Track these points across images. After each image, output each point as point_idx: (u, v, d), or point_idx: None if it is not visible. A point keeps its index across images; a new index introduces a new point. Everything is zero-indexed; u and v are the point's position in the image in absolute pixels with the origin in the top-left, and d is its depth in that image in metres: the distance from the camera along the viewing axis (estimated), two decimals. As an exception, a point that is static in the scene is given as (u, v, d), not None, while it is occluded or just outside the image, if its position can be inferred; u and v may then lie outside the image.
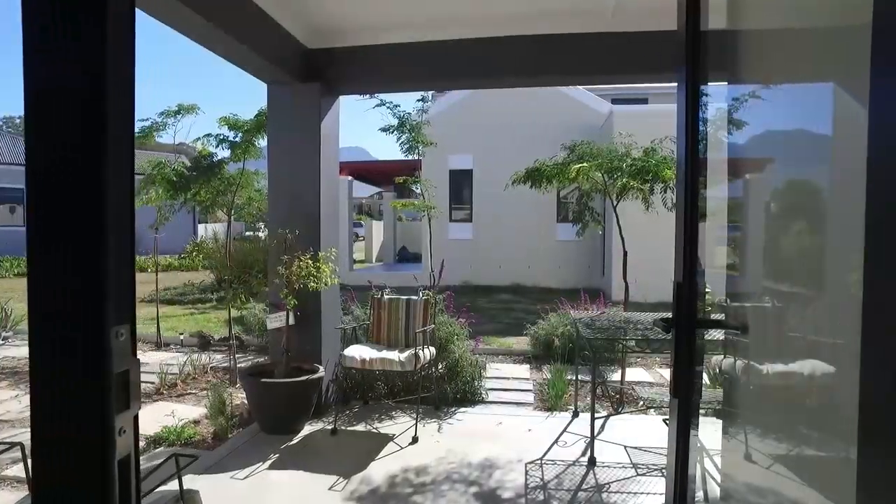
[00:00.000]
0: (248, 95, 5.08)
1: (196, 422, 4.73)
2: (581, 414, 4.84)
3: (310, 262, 4.39)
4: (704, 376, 4.71)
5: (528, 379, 6.18)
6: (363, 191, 25.44)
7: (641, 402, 5.27)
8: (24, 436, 3.59)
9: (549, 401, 5.14)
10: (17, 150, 26.75)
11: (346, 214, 15.90)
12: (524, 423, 4.69)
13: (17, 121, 63.91)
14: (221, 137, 6.25)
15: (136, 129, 6.48)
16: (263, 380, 4.31)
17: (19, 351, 7.37)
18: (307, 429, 4.52)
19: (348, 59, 4.82)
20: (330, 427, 4.51)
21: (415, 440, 4.29)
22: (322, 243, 4.79)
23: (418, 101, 7.26)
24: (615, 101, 14.82)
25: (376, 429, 4.59)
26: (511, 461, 3.92)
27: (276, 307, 4.65)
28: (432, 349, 4.79)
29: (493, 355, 7.14)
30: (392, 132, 7.23)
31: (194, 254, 6.68)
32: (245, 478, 3.63)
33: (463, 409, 5.05)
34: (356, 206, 31.84)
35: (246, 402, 4.78)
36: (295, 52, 4.67)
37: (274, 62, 4.36)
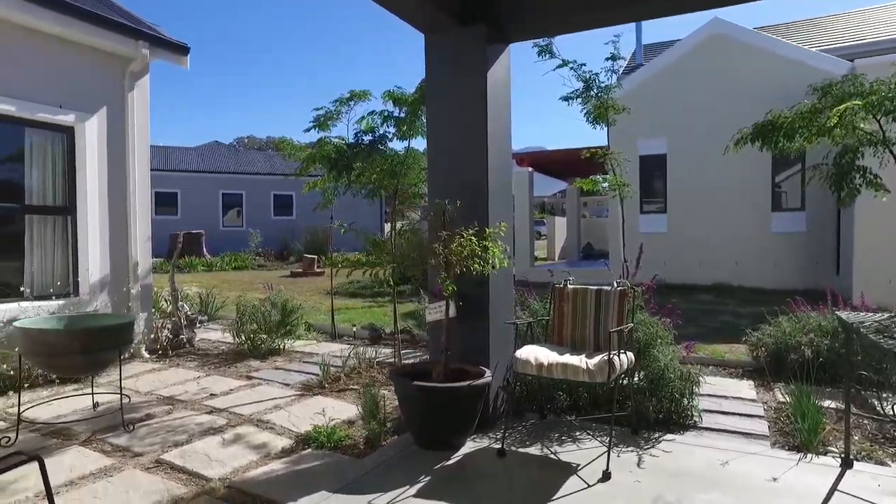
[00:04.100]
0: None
1: (350, 422, 4.20)
2: (857, 463, 3.33)
3: (473, 238, 3.56)
4: None
5: (754, 400, 4.71)
6: (545, 188, 24.53)
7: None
8: (196, 418, 3.27)
9: (798, 436, 3.68)
10: (239, 162, 30.70)
11: (526, 208, 15.13)
12: (762, 467, 3.35)
13: (246, 140, 74.76)
14: (386, 114, 5.77)
15: (310, 120, 6.32)
16: (417, 382, 3.58)
17: (214, 335, 7.73)
18: (469, 445, 3.70)
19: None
20: (497, 446, 3.62)
21: (606, 476, 3.21)
22: (491, 220, 3.96)
23: (607, 59, 6.13)
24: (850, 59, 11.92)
25: (555, 454, 3.60)
26: (756, 529, 2.68)
27: (434, 296, 3.93)
28: (630, 355, 3.67)
29: (701, 365, 5.73)
30: (576, 99, 6.21)
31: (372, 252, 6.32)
32: (385, 506, 2.91)
33: (669, 437, 3.84)
34: (538, 205, 31.00)
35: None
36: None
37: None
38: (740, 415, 4.32)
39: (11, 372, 4.82)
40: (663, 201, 13.65)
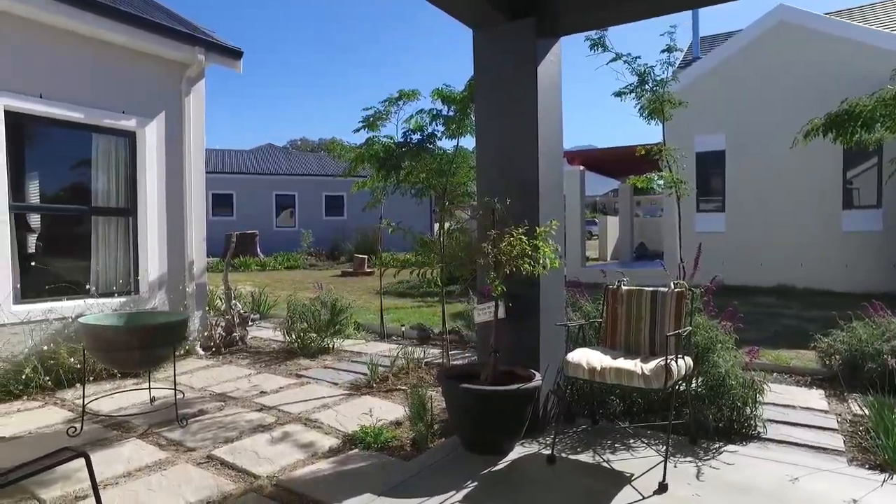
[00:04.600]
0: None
1: (398, 423, 4.17)
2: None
3: (523, 238, 3.46)
4: None
5: (826, 411, 4.41)
6: (597, 187, 24.04)
7: None
8: (246, 415, 3.27)
9: (880, 453, 3.40)
10: (292, 164, 31.52)
11: (578, 207, 14.85)
12: (839, 487, 3.10)
13: (299, 142, 76.55)
14: (435, 112, 5.72)
15: (359, 120, 6.34)
16: (464, 385, 3.50)
17: (266, 333, 7.87)
18: (518, 450, 3.59)
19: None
20: (546, 452, 3.51)
21: (662, 488, 3.05)
22: (541, 219, 3.84)
23: (663, 51, 5.89)
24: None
25: (607, 462, 3.45)
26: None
27: (483, 296, 3.84)
28: (688, 360, 3.48)
29: (764, 372, 5.40)
30: (630, 93, 5.99)
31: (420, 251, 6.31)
32: (430, 511, 2.85)
33: (731, 448, 3.63)
34: (590, 204, 30.37)
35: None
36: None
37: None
38: (810, 426, 4.05)
39: (78, 365, 5.04)
40: (721, 199, 13.12)
